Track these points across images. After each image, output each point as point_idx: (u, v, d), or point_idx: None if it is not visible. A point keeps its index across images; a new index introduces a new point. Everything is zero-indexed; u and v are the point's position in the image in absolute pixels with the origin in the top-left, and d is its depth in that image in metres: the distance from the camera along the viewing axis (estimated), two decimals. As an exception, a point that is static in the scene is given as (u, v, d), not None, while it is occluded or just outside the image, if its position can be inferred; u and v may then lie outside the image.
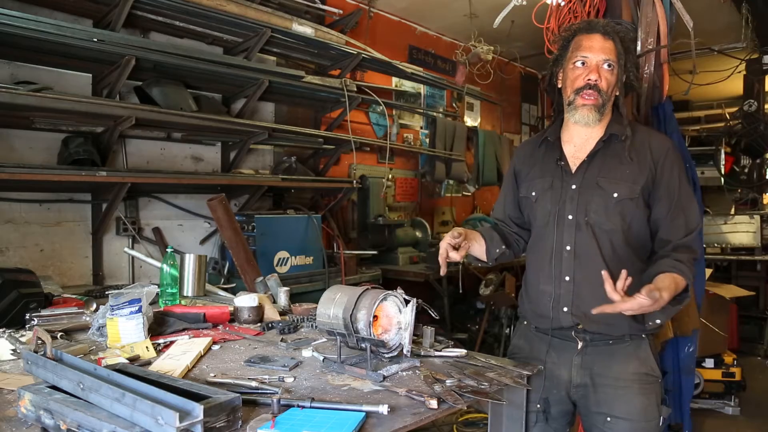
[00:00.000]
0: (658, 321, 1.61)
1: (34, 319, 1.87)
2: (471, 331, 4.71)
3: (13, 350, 1.60)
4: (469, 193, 6.28)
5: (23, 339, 1.69)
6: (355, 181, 4.24)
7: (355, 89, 4.29)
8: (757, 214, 5.48)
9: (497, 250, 1.81)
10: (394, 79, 5.14)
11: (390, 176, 4.95)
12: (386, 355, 1.52)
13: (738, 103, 6.46)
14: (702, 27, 3.03)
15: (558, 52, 1.74)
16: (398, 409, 1.21)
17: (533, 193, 1.75)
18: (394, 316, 1.55)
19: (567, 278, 1.65)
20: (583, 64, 1.63)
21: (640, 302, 1.37)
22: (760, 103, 6.02)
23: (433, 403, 1.22)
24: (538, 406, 1.69)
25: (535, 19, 2.59)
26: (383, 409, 1.17)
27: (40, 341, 1.56)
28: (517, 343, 1.84)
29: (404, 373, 1.46)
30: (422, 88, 5.54)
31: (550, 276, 1.68)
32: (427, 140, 5.49)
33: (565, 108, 1.70)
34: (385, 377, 1.40)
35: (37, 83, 2.71)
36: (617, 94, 1.68)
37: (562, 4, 2.53)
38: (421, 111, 5.50)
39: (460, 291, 4.52)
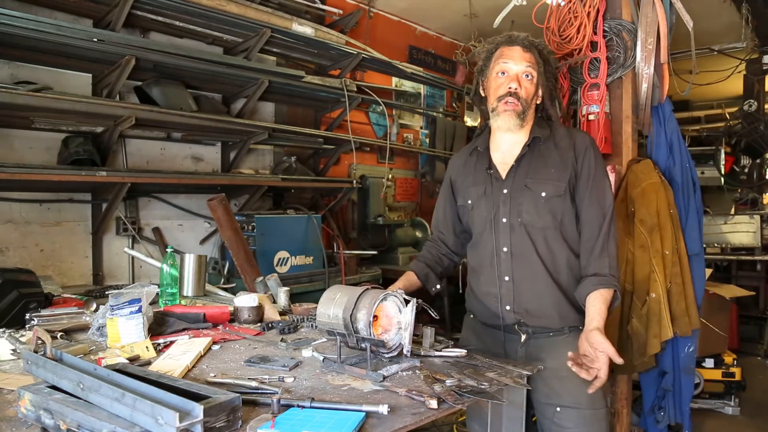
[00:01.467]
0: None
1: (34, 319, 1.87)
2: (471, 331, 4.71)
3: (13, 350, 1.60)
4: (469, 193, 6.27)
5: (23, 339, 1.69)
6: (355, 181, 4.24)
7: (355, 89, 4.29)
8: (757, 214, 5.47)
9: (433, 289, 1.93)
10: (394, 79, 5.14)
11: (390, 176, 4.95)
12: (386, 355, 1.52)
13: (738, 103, 6.46)
14: (702, 27, 3.03)
15: (482, 62, 1.83)
16: (398, 409, 1.21)
17: (469, 201, 1.83)
18: (394, 316, 1.55)
19: (506, 278, 1.74)
20: (504, 73, 1.74)
21: (600, 377, 1.55)
22: (760, 103, 6.02)
23: (433, 403, 1.22)
24: None
25: (535, 19, 2.59)
26: (383, 409, 1.17)
27: (40, 341, 1.56)
28: (465, 335, 1.93)
29: (404, 373, 1.46)
30: (422, 88, 5.54)
31: (492, 277, 1.77)
32: (427, 140, 5.49)
33: (490, 115, 1.78)
34: (385, 377, 1.40)
35: (37, 83, 2.72)
36: (539, 101, 1.79)
37: (562, 4, 2.53)
38: (421, 111, 5.50)
39: (460, 291, 4.51)
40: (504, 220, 1.74)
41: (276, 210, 3.90)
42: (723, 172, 6.67)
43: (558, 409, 1.70)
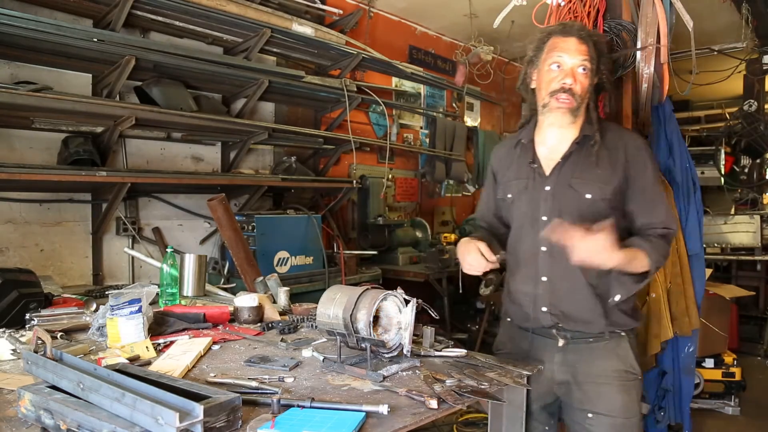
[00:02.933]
0: (617, 297, 1.62)
1: (34, 319, 1.87)
2: (471, 331, 4.71)
3: (13, 350, 1.60)
4: (469, 193, 6.28)
5: (23, 339, 1.70)
6: (355, 181, 4.24)
7: (355, 89, 4.29)
8: (757, 214, 5.47)
9: (497, 255, 1.79)
10: (394, 79, 5.14)
11: (390, 176, 4.95)
12: (386, 355, 1.52)
13: (738, 103, 6.45)
14: (702, 27, 3.03)
15: (532, 53, 1.74)
16: (398, 409, 1.21)
17: (509, 195, 1.77)
18: (394, 316, 1.55)
19: (544, 278, 1.68)
20: (558, 66, 1.65)
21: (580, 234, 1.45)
22: (760, 103, 6.02)
23: (433, 403, 1.22)
24: None
25: (535, 19, 2.59)
26: (383, 409, 1.17)
27: (40, 341, 1.56)
28: (501, 339, 1.90)
29: (404, 373, 1.46)
30: (422, 88, 5.54)
31: (528, 276, 1.71)
32: (427, 140, 5.49)
33: (539, 109, 1.71)
34: (385, 377, 1.40)
35: (37, 83, 2.71)
36: (589, 96, 1.70)
37: (562, 4, 2.53)
38: (421, 111, 5.50)
39: (460, 291, 4.51)
40: (544, 218, 1.67)
41: (276, 210, 3.90)
42: (723, 172, 6.66)
43: (590, 415, 1.65)
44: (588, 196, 1.64)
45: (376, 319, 1.52)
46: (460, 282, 4.47)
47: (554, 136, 1.72)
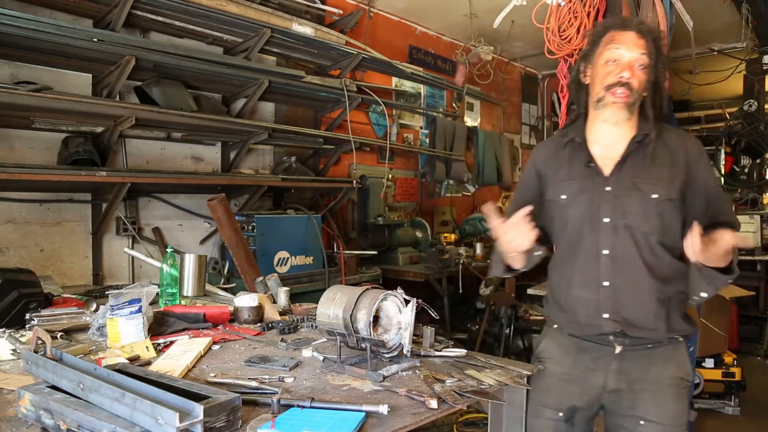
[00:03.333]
0: (703, 294, 1.56)
1: (34, 319, 1.87)
2: (471, 331, 4.71)
3: (13, 350, 1.60)
4: (469, 193, 6.28)
5: (23, 339, 1.70)
6: (355, 181, 4.24)
7: (355, 89, 4.29)
8: (757, 214, 5.47)
9: (536, 253, 1.69)
10: (394, 79, 5.14)
11: (390, 176, 4.95)
12: (386, 355, 1.52)
13: (738, 103, 6.46)
14: (702, 27, 3.03)
15: (588, 47, 1.68)
16: (398, 409, 1.21)
17: (563, 197, 1.66)
18: (394, 316, 1.55)
19: (606, 283, 1.58)
20: (615, 61, 1.58)
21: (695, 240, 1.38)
22: (760, 103, 6.02)
23: (433, 403, 1.22)
24: (561, 414, 1.63)
25: (535, 19, 2.59)
26: (383, 409, 1.17)
27: (40, 341, 1.56)
28: (546, 347, 1.74)
29: (404, 373, 1.46)
30: (422, 88, 5.54)
31: (586, 281, 1.61)
32: (427, 140, 5.49)
33: (593, 105, 1.64)
34: (385, 377, 1.40)
35: (37, 83, 2.71)
36: (645, 94, 1.62)
37: (562, 4, 2.53)
38: (421, 111, 5.50)
39: (460, 291, 4.51)
40: (606, 220, 1.58)
41: (276, 210, 3.90)
42: (723, 172, 6.66)
43: (642, 422, 1.58)
44: (654, 196, 1.56)
45: (376, 319, 1.52)
46: (460, 282, 4.49)
47: (608, 134, 1.64)
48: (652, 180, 1.57)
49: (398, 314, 1.54)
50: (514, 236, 1.51)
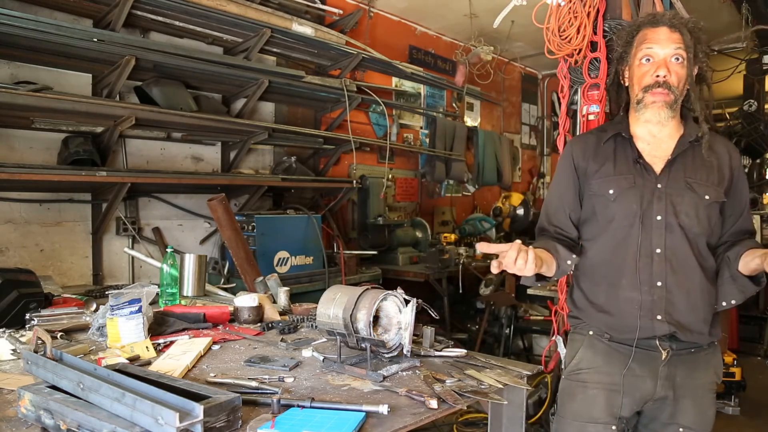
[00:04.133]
0: (733, 302, 1.55)
1: (34, 319, 1.87)
2: (471, 331, 4.71)
3: (13, 350, 1.60)
4: (469, 193, 6.28)
5: (23, 339, 1.69)
6: (355, 181, 4.24)
7: (355, 89, 4.29)
8: (757, 214, 5.47)
9: (568, 262, 1.62)
10: (394, 79, 5.15)
11: (390, 176, 4.95)
12: (386, 355, 1.52)
13: (738, 103, 6.45)
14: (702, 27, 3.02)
15: (622, 48, 1.65)
16: (398, 409, 1.21)
17: (611, 191, 1.58)
18: (394, 316, 1.55)
19: (659, 284, 1.52)
20: (649, 59, 1.55)
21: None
22: (760, 103, 6.02)
23: (433, 403, 1.22)
24: (614, 428, 1.57)
25: (535, 19, 2.59)
26: (383, 409, 1.17)
27: (40, 341, 1.56)
28: (585, 356, 1.64)
29: (404, 373, 1.46)
30: (422, 88, 5.54)
31: (636, 282, 1.54)
32: (427, 140, 5.49)
33: (634, 107, 1.61)
34: (385, 377, 1.40)
35: (37, 83, 2.72)
36: (688, 88, 1.57)
37: (562, 4, 2.53)
38: (421, 111, 5.50)
39: (460, 291, 4.51)
40: (659, 217, 1.53)
41: (276, 210, 3.90)
42: (723, 172, 6.65)
43: (681, 430, 1.55)
44: (707, 197, 1.54)
45: (376, 319, 1.52)
46: (460, 282, 4.49)
47: (653, 132, 1.60)
48: (704, 181, 1.55)
49: (398, 314, 1.54)
50: (520, 266, 1.41)
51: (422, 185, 5.59)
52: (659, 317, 1.52)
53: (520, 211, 6.02)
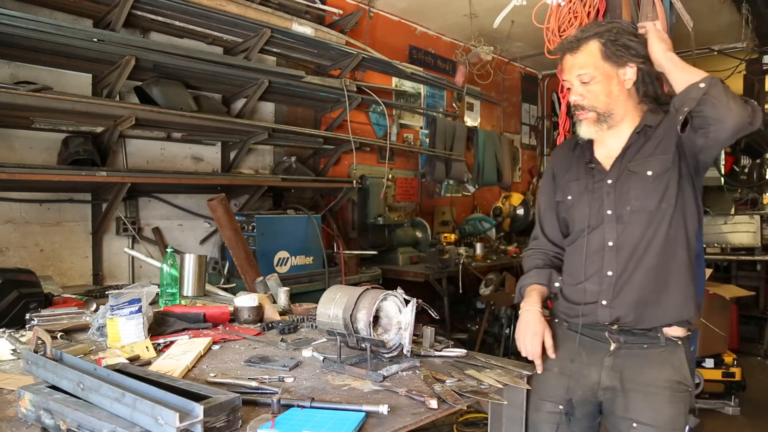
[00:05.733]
0: (685, 108, 1.49)
1: (34, 319, 1.87)
2: (471, 331, 4.71)
3: (13, 350, 1.60)
4: (469, 193, 6.28)
5: (23, 339, 1.70)
6: (355, 181, 4.24)
7: (355, 89, 4.29)
8: (757, 214, 5.47)
9: (556, 284, 1.76)
10: (394, 79, 5.14)
11: (390, 176, 4.95)
12: (386, 355, 1.52)
13: (738, 103, 6.44)
14: (702, 27, 3.02)
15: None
16: (398, 409, 1.21)
17: (569, 197, 1.72)
18: (394, 316, 1.55)
19: (609, 273, 1.61)
20: (567, 88, 1.67)
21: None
22: (760, 103, 6.02)
23: (433, 403, 1.22)
24: (561, 407, 1.66)
25: (535, 19, 2.59)
26: (383, 409, 1.17)
27: (40, 341, 1.56)
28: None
29: (404, 373, 1.46)
30: (422, 88, 5.54)
31: (591, 273, 1.64)
32: (427, 140, 5.49)
33: None
34: (385, 377, 1.40)
35: (37, 83, 2.71)
36: (629, 86, 1.61)
37: (562, 4, 2.53)
38: (421, 111, 5.50)
39: (460, 291, 4.51)
40: (609, 212, 1.62)
41: (276, 210, 3.90)
42: (723, 172, 6.66)
43: (635, 425, 1.58)
44: (649, 173, 1.58)
45: (376, 319, 1.52)
46: (460, 282, 4.49)
47: (610, 137, 1.67)
48: (645, 159, 1.60)
49: (398, 314, 1.54)
50: (528, 347, 1.61)
51: (422, 185, 5.59)
52: (604, 302, 1.60)
53: (520, 211, 6.02)
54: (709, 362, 3.89)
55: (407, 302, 1.53)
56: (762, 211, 5.82)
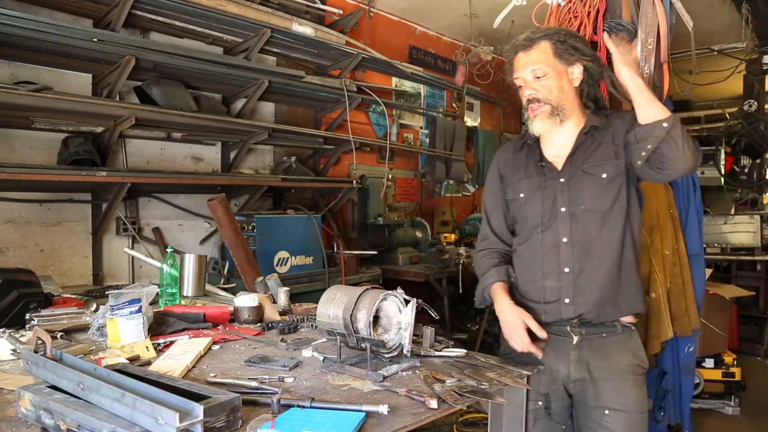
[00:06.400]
0: (649, 146, 1.58)
1: (34, 319, 1.87)
2: (471, 331, 4.71)
3: (13, 350, 1.60)
4: (469, 193, 6.28)
5: (23, 339, 1.69)
6: (355, 181, 4.24)
7: (355, 89, 4.29)
8: (757, 214, 5.47)
9: (511, 279, 1.82)
10: (394, 79, 5.14)
11: (390, 176, 4.95)
12: (386, 355, 1.52)
13: (738, 103, 6.45)
14: (702, 27, 3.02)
15: (509, 78, 1.81)
16: (398, 409, 1.21)
17: (521, 195, 1.77)
18: (394, 316, 1.55)
19: (566, 270, 1.68)
20: (519, 87, 1.73)
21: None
22: (760, 103, 6.02)
23: (433, 403, 1.22)
24: (540, 403, 1.72)
25: (535, 19, 2.59)
26: (383, 409, 1.17)
27: (40, 341, 1.56)
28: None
29: (404, 373, 1.46)
30: (422, 88, 5.54)
31: (548, 270, 1.70)
32: (427, 140, 5.49)
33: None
34: (385, 377, 1.40)
35: (37, 83, 2.71)
36: (577, 85, 1.71)
37: (562, 4, 2.53)
38: (421, 111, 5.50)
39: (460, 291, 4.51)
40: (563, 209, 1.69)
41: (276, 210, 3.90)
42: (723, 172, 6.66)
43: (606, 412, 1.66)
44: (604, 175, 1.66)
45: (376, 319, 1.52)
46: (460, 282, 4.49)
47: (557, 136, 1.74)
48: (598, 161, 1.67)
49: (398, 314, 1.54)
50: (516, 339, 1.65)
51: (422, 185, 5.59)
52: (567, 301, 1.67)
53: (520, 211, 6.00)
54: (709, 362, 3.88)
55: (407, 302, 1.53)
56: (762, 211, 5.82)
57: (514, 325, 1.64)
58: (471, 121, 6.23)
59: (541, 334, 1.62)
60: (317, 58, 4.17)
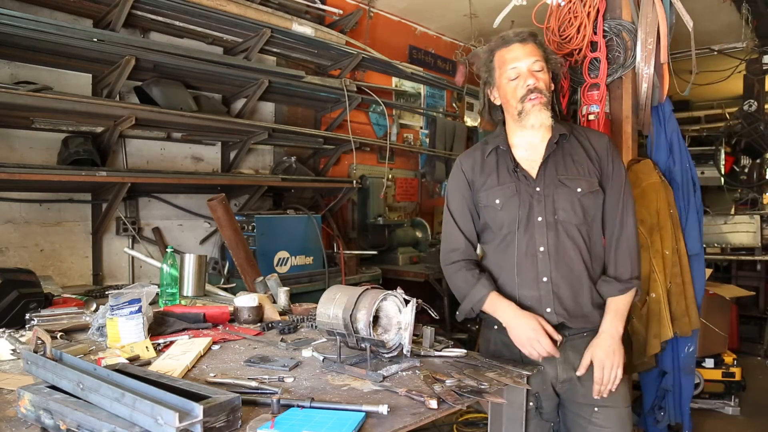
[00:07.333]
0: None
1: (34, 319, 1.87)
2: (471, 331, 4.70)
3: (13, 350, 1.60)
4: (469, 193, 6.27)
5: (23, 339, 1.69)
6: (355, 181, 4.24)
7: (355, 89, 4.29)
8: (757, 214, 5.47)
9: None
10: (394, 79, 5.14)
11: (390, 176, 4.95)
12: (386, 355, 1.52)
13: (738, 103, 6.45)
14: (702, 27, 3.02)
15: (485, 75, 1.80)
16: (398, 409, 1.21)
17: (497, 201, 1.73)
18: (394, 316, 1.55)
19: (545, 279, 1.68)
20: (516, 75, 1.70)
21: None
22: (760, 103, 6.02)
23: (433, 403, 1.22)
24: (531, 403, 1.73)
25: (535, 19, 2.59)
26: (383, 409, 1.17)
27: (40, 341, 1.56)
28: (493, 348, 1.81)
29: (404, 373, 1.46)
30: (422, 88, 5.54)
31: (527, 279, 1.70)
32: (427, 140, 5.49)
33: (515, 118, 1.73)
34: (385, 377, 1.40)
35: (37, 83, 2.72)
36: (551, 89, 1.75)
37: (562, 4, 2.53)
38: (421, 111, 5.50)
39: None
40: (539, 218, 1.68)
41: (276, 210, 3.90)
42: (723, 172, 6.66)
43: (596, 409, 1.69)
44: (579, 189, 1.68)
45: (376, 319, 1.52)
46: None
47: (529, 139, 1.75)
48: (575, 176, 1.70)
49: (398, 314, 1.54)
50: (538, 348, 1.63)
51: (422, 185, 5.59)
52: (548, 310, 1.68)
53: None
54: (709, 362, 3.88)
55: (407, 302, 1.53)
56: (762, 211, 5.82)
57: (535, 331, 1.61)
58: (471, 121, 6.22)
59: (557, 337, 1.63)
60: (317, 58, 4.17)
